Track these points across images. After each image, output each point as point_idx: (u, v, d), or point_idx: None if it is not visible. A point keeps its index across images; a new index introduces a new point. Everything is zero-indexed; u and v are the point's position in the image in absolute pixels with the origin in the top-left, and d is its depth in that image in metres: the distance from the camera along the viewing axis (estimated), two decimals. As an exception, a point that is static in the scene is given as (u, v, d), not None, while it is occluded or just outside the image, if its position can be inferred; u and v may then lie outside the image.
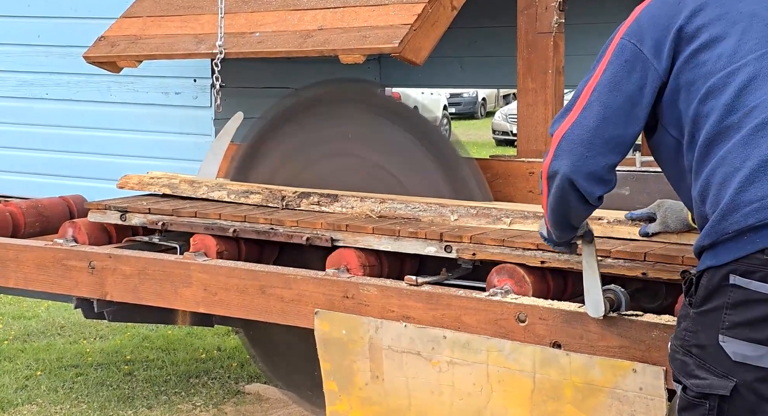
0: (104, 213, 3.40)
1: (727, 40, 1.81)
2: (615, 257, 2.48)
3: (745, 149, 1.75)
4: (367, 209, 3.02)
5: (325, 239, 2.93)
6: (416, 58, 3.11)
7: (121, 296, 3.22)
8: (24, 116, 4.50)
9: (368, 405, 2.73)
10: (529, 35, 3.40)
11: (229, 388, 4.47)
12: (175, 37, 3.63)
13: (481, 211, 2.87)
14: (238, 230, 3.10)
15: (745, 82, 1.77)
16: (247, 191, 3.35)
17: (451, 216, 2.89)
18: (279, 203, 3.23)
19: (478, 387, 2.53)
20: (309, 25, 3.34)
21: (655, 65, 1.84)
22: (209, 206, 3.32)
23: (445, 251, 2.73)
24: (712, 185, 1.79)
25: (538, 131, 3.42)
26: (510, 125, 16.56)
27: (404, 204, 2.99)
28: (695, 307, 1.82)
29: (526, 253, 2.60)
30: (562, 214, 2.02)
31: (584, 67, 4.34)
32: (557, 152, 1.90)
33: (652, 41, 1.84)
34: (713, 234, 1.77)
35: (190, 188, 3.49)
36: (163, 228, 3.27)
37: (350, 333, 2.73)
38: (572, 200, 1.94)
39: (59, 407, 4.19)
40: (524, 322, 2.46)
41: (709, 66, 1.80)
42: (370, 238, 2.88)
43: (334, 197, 3.15)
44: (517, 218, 2.80)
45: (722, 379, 1.76)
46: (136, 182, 3.62)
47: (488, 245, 2.68)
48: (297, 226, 3.03)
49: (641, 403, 2.28)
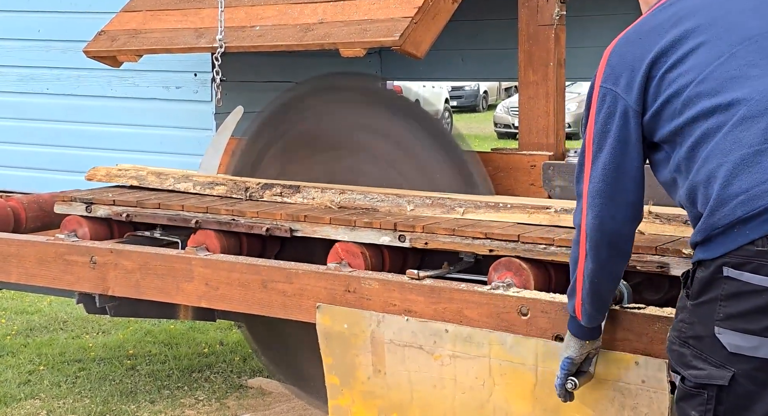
0: (70, 205, 3.44)
1: (695, 53, 1.88)
2: (558, 246, 2.56)
3: (726, 145, 1.79)
4: (327, 200, 3.09)
5: (284, 230, 3.00)
6: (417, 52, 3.10)
7: (123, 291, 3.22)
8: (24, 111, 4.50)
9: (370, 399, 2.72)
10: (530, 27, 3.39)
11: (232, 382, 4.47)
12: (175, 31, 3.62)
13: (436, 201, 2.94)
14: (201, 221, 3.16)
15: (717, 86, 1.83)
16: (212, 182, 3.41)
17: (408, 206, 2.96)
18: (243, 194, 3.29)
19: (481, 381, 2.52)
20: (309, 19, 3.33)
21: (626, 99, 1.93)
22: (174, 198, 3.37)
23: (399, 240, 2.80)
24: (698, 185, 1.84)
25: (539, 124, 3.41)
26: (512, 118, 16.54)
27: (363, 195, 3.07)
28: (692, 299, 1.85)
29: (475, 242, 2.68)
30: (598, 280, 2.06)
31: (586, 59, 4.33)
32: (587, 208, 2.00)
33: (624, 80, 1.94)
34: (704, 230, 1.81)
35: (156, 179, 3.54)
36: (127, 219, 3.32)
37: (352, 327, 2.73)
38: (606, 256, 2.01)
39: (62, 401, 4.19)
40: (526, 315, 2.46)
41: (682, 80, 1.87)
42: (328, 228, 2.94)
43: (296, 189, 3.21)
44: (470, 208, 2.87)
45: (720, 369, 1.78)
46: (104, 174, 3.66)
47: (439, 235, 2.75)
48: (257, 217, 3.08)
49: (644, 396, 2.28)
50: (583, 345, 2.21)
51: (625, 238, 2.02)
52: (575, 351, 2.21)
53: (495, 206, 2.84)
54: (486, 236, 2.67)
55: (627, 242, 2.03)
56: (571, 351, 2.22)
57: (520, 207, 2.81)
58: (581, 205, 2.02)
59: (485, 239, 2.67)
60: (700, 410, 1.81)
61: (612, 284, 2.12)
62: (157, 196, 3.42)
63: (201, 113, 4.02)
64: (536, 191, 3.37)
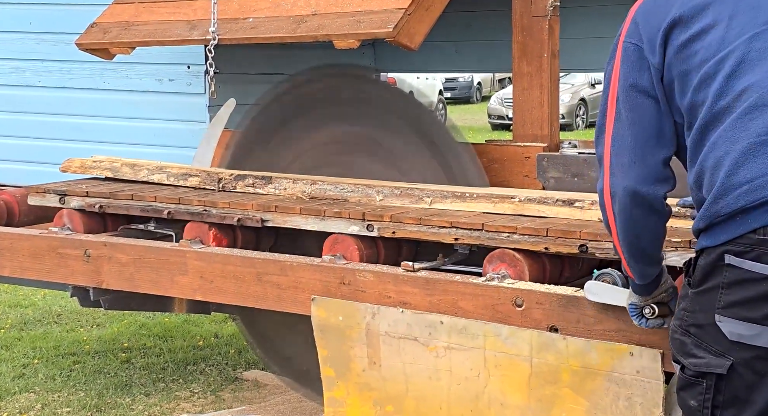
0: (44, 196, 3.46)
1: (716, 28, 1.83)
2: (521, 234, 2.61)
3: (734, 133, 1.78)
4: (299, 191, 3.15)
5: (255, 220, 3.04)
6: (411, 43, 3.10)
7: (117, 285, 3.22)
8: (17, 103, 4.48)
9: (366, 391, 2.73)
10: (524, 19, 3.39)
11: (227, 375, 4.47)
12: (167, 24, 3.61)
13: (404, 191, 3.00)
14: (173, 212, 3.20)
15: (734, 66, 1.80)
16: (186, 173, 3.44)
17: (377, 196, 3.01)
18: (216, 186, 3.33)
19: (476, 372, 2.53)
20: (303, 10, 3.32)
21: (651, 60, 1.88)
22: (147, 189, 3.40)
23: (367, 229, 2.85)
24: (705, 170, 1.82)
25: (533, 115, 3.41)
26: (506, 110, 16.53)
27: (333, 185, 3.12)
28: (693, 287, 1.84)
29: (441, 231, 2.73)
30: (635, 234, 1.94)
31: (580, 51, 4.32)
32: (611, 170, 1.90)
33: (646, 38, 1.89)
34: (707, 217, 1.80)
35: (131, 171, 3.57)
36: (101, 211, 3.34)
37: (347, 319, 2.73)
38: (639, 215, 1.91)
39: (57, 395, 4.19)
40: (521, 307, 2.47)
41: (701, 55, 1.83)
42: (298, 218, 2.99)
43: (268, 179, 3.25)
44: (437, 198, 2.93)
45: (719, 358, 1.78)
46: (78, 165, 3.69)
47: (406, 224, 2.80)
48: (229, 207, 3.12)
49: (639, 386, 2.29)
50: (642, 298, 2.13)
51: (660, 199, 1.90)
52: (637, 300, 2.13)
53: (461, 196, 2.90)
54: (451, 225, 2.72)
55: (662, 202, 1.91)
56: (633, 299, 2.14)
57: (486, 197, 2.87)
58: (603, 168, 1.90)
59: (451, 228, 2.72)
60: (699, 399, 1.81)
61: (651, 239, 1.96)
62: (131, 187, 3.46)
63: (194, 106, 4.01)
64: (530, 182, 3.37)
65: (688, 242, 2.35)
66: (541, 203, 2.75)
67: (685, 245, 2.36)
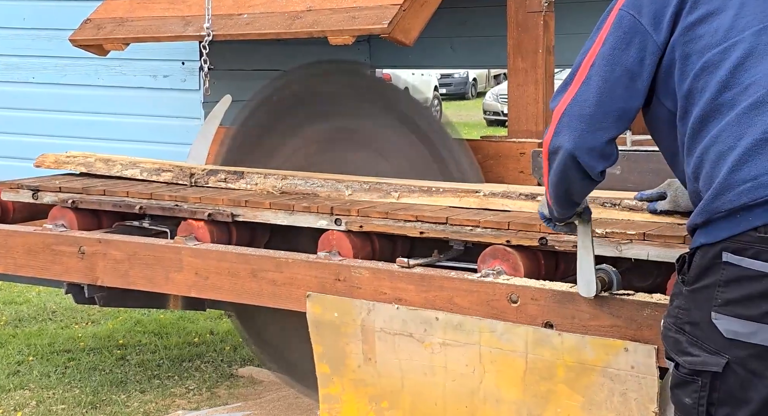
0: (17, 192, 3.48)
1: (724, 14, 1.80)
2: (484, 227, 2.67)
3: (739, 128, 1.75)
4: (270, 186, 3.18)
5: (226, 215, 3.08)
6: (406, 39, 3.10)
7: (112, 281, 3.22)
8: (10, 100, 4.47)
9: (361, 387, 2.74)
10: (519, 14, 3.39)
11: (222, 371, 4.48)
12: (162, 20, 3.61)
13: (373, 186, 3.04)
14: (145, 207, 3.24)
15: (741, 58, 1.77)
16: (159, 169, 3.47)
17: (346, 191, 3.06)
18: (188, 181, 3.37)
19: (471, 368, 2.54)
20: (298, 6, 3.32)
21: (654, 37, 1.83)
22: (120, 184, 3.44)
23: (335, 224, 2.89)
24: (705, 162, 1.79)
25: (528, 111, 3.42)
26: (501, 105, 16.51)
27: (304, 180, 3.16)
28: (688, 285, 1.82)
29: (406, 224, 2.79)
30: (564, 189, 2.00)
31: (575, 47, 4.31)
32: (558, 127, 1.88)
33: (651, 13, 1.83)
34: (706, 212, 1.78)
35: (104, 166, 3.60)
36: (73, 206, 3.36)
37: (342, 315, 2.74)
38: (574, 176, 1.93)
39: (52, 392, 4.20)
40: (516, 303, 2.48)
41: (706, 40, 1.80)
42: (267, 213, 3.03)
43: (240, 175, 3.30)
44: (405, 193, 2.98)
45: (714, 356, 1.77)
46: (52, 161, 3.71)
47: (373, 218, 2.85)
48: (200, 202, 3.16)
49: (633, 381, 2.30)
50: None
51: (596, 171, 1.91)
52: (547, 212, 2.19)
53: (428, 190, 2.95)
54: (417, 218, 2.78)
55: (598, 174, 1.92)
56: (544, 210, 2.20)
57: (452, 191, 2.92)
58: (552, 122, 1.88)
59: (416, 221, 2.78)
60: (694, 397, 1.79)
61: (581, 193, 2.03)
62: (104, 183, 3.49)
63: (189, 102, 4.01)
64: (525, 178, 3.38)
65: (642, 234, 2.39)
66: (504, 197, 2.82)
67: (640, 238, 2.39)
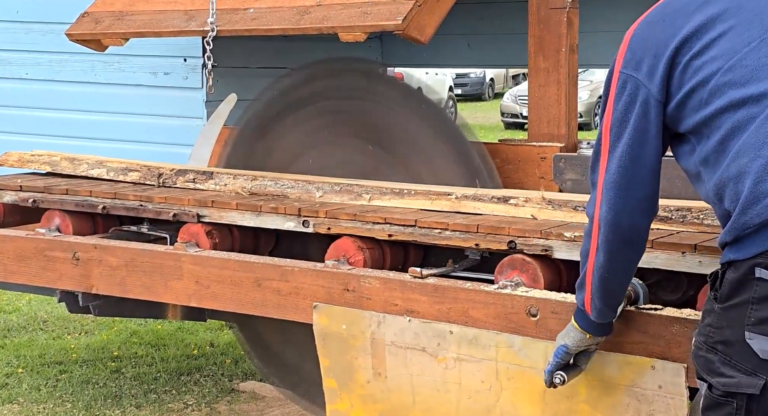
0: None
1: (722, 40, 1.88)
2: (452, 230, 2.72)
3: (758, 139, 1.79)
4: (239, 187, 3.24)
5: (191, 215, 3.14)
6: (421, 36, 3.10)
7: (108, 289, 3.23)
8: (2, 97, 4.49)
9: (370, 404, 2.73)
10: (541, 11, 3.39)
11: (223, 386, 4.48)
12: (163, 14, 3.62)
13: (344, 188, 3.11)
14: (108, 207, 3.29)
15: (746, 75, 1.83)
16: (126, 168, 3.52)
17: (317, 193, 3.12)
18: (156, 181, 3.42)
19: (487, 385, 2.53)
20: (307, 1, 3.33)
21: (649, 88, 1.94)
22: (85, 184, 3.49)
23: (303, 225, 2.96)
24: (728, 180, 1.83)
25: (550, 114, 3.42)
26: (520, 107, 16.54)
27: (273, 181, 3.22)
28: (720, 302, 1.83)
29: (375, 227, 2.84)
30: (613, 270, 2.07)
31: (599, 45, 4.31)
32: (602, 199, 2.03)
33: (647, 67, 1.94)
34: (735, 229, 1.80)
35: (70, 165, 3.65)
36: (34, 206, 3.41)
37: (351, 327, 2.74)
38: (623, 245, 2.04)
39: (42, 406, 4.21)
40: (536, 316, 2.47)
41: (708, 69, 1.88)
42: (234, 214, 3.10)
43: (209, 175, 3.35)
44: (376, 195, 3.03)
45: (750, 377, 1.77)
46: (16, 159, 3.78)
47: (342, 220, 2.91)
48: (165, 202, 3.22)
49: (661, 402, 2.29)
50: (584, 339, 2.22)
51: (639, 232, 2.04)
52: (574, 341, 2.23)
53: (399, 192, 3.00)
54: (385, 221, 2.83)
55: (641, 236, 2.05)
56: (569, 340, 2.23)
57: (424, 193, 2.96)
58: (595, 196, 2.04)
59: (385, 224, 2.83)
60: None
61: (624, 279, 2.13)
62: (68, 182, 3.53)
63: (191, 101, 4.02)
64: (546, 184, 3.37)
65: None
66: (476, 200, 2.86)
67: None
